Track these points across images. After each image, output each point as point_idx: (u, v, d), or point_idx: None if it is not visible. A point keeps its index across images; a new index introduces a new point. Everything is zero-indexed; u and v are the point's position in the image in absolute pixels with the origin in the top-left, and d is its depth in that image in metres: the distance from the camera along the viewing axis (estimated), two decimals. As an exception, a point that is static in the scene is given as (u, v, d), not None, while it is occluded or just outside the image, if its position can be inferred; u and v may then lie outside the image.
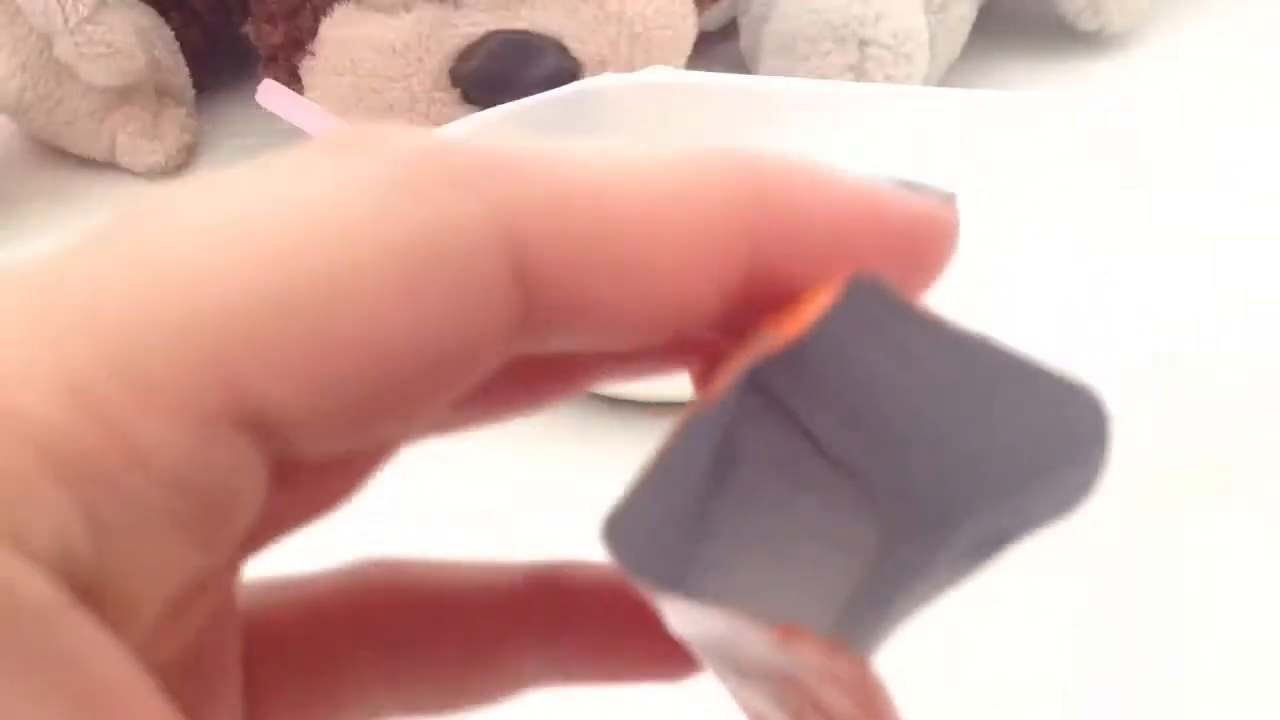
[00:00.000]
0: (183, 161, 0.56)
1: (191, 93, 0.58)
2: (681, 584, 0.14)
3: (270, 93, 0.48)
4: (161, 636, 0.13)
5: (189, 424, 0.12)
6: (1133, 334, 0.39)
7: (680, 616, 0.13)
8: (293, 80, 0.52)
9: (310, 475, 0.15)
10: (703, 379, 0.16)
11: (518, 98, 0.49)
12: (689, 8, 0.52)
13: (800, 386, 0.14)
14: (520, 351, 0.14)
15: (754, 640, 0.13)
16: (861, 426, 0.14)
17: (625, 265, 0.13)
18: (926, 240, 0.14)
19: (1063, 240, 0.42)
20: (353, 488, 0.16)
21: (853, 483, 0.14)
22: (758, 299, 0.14)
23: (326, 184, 0.13)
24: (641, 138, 0.44)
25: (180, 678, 0.13)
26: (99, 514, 0.11)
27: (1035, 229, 0.42)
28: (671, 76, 0.45)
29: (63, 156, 0.57)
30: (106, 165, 0.56)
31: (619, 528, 0.12)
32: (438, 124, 0.50)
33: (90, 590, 0.11)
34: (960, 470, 0.13)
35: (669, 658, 0.17)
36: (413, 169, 0.13)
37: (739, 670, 0.14)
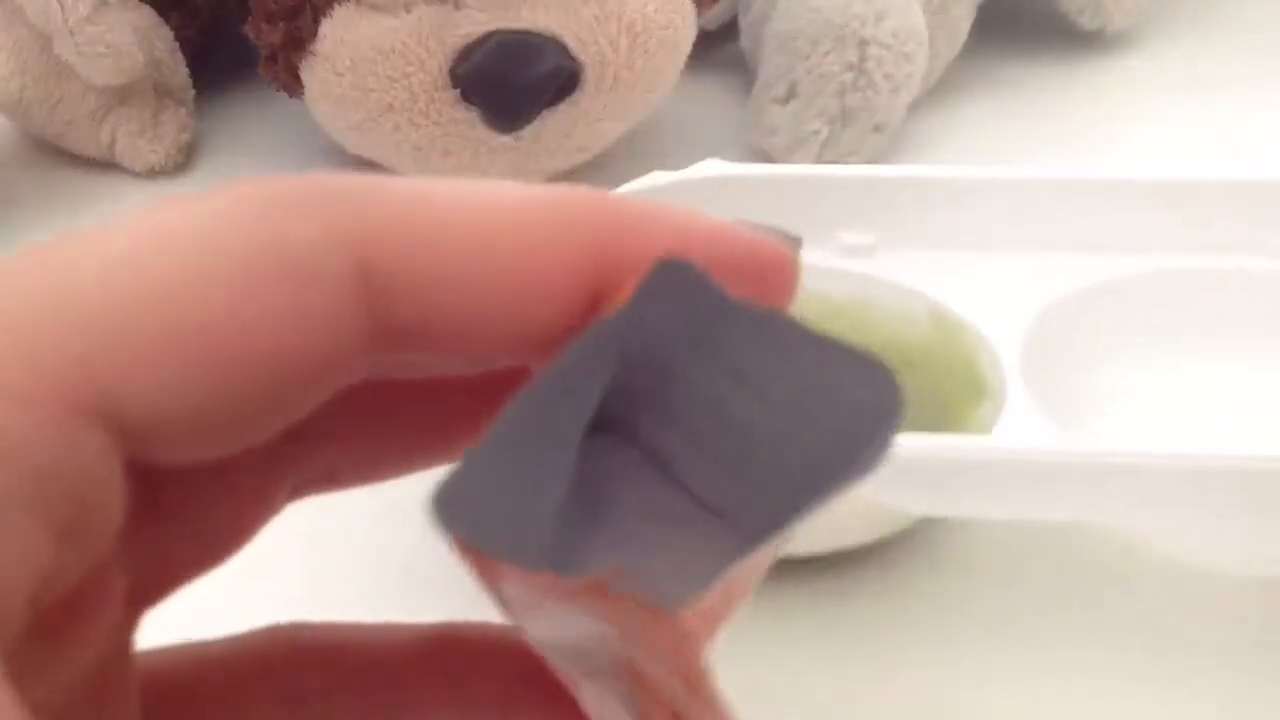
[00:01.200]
0: (182, 161, 0.56)
1: (191, 92, 0.58)
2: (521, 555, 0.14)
3: None
4: (35, 661, 0.13)
5: (44, 414, 0.12)
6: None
7: (531, 611, 0.14)
8: (293, 80, 0.52)
9: (190, 517, 0.16)
10: None
11: (517, 97, 0.49)
12: (689, 7, 0.52)
13: (633, 379, 0.15)
14: (379, 368, 0.15)
15: (584, 613, 0.13)
16: (694, 427, 0.15)
17: (468, 274, 0.15)
18: (768, 272, 0.16)
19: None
20: (237, 539, 0.16)
21: (702, 508, 0.15)
22: None
23: (187, 212, 0.14)
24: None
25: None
26: None
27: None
28: (721, 169, 0.42)
29: (62, 156, 0.57)
30: (106, 164, 0.56)
31: (449, 502, 0.13)
32: (438, 123, 0.50)
33: None
34: (782, 456, 0.14)
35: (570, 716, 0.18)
36: (263, 196, 0.14)
37: (592, 672, 0.14)
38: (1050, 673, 0.33)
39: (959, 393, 0.37)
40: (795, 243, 0.16)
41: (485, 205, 0.15)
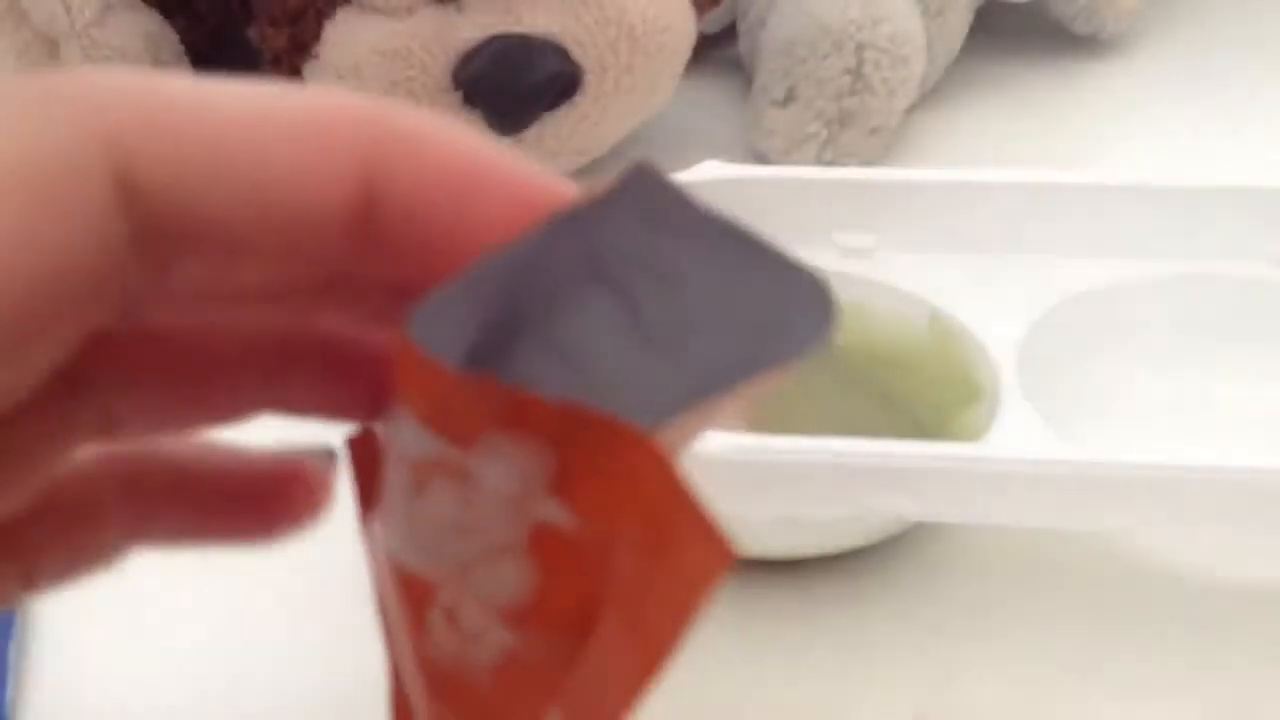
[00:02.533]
0: (187, 164, 0.57)
1: (196, 96, 0.58)
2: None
3: None
4: None
5: None
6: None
7: (430, 480, 0.14)
8: (296, 82, 0.52)
9: None
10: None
11: (518, 100, 0.50)
12: (688, 11, 0.53)
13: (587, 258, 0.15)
14: (149, 280, 0.14)
15: (507, 456, 0.14)
16: (639, 301, 0.15)
17: (233, 173, 0.14)
18: (540, 207, 0.16)
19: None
20: (28, 484, 0.16)
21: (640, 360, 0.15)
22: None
23: None
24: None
25: None
26: None
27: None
28: (720, 171, 0.43)
29: (68, 159, 0.58)
30: (112, 167, 0.57)
31: (427, 323, 0.14)
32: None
33: None
34: (721, 331, 0.15)
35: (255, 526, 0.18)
36: (16, 101, 0.14)
37: (463, 565, 0.15)
38: (1042, 674, 0.33)
39: (954, 395, 0.37)
40: (570, 185, 0.16)
41: (254, 106, 0.14)
